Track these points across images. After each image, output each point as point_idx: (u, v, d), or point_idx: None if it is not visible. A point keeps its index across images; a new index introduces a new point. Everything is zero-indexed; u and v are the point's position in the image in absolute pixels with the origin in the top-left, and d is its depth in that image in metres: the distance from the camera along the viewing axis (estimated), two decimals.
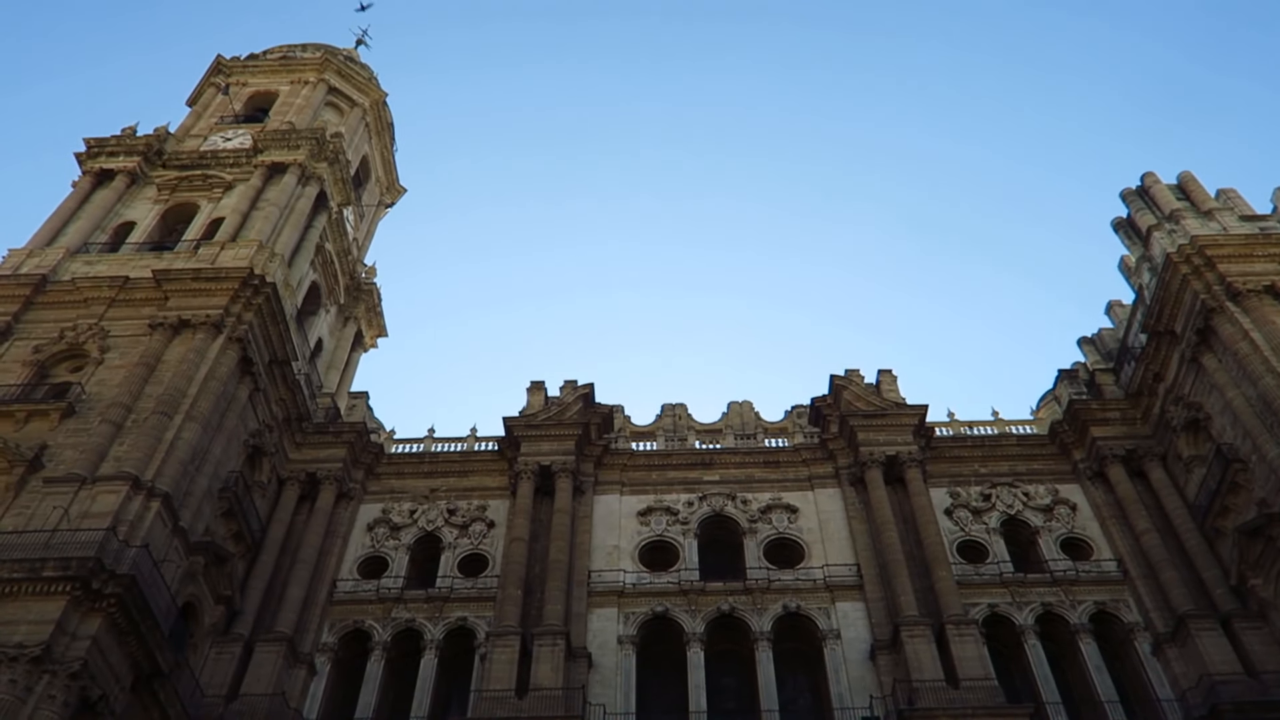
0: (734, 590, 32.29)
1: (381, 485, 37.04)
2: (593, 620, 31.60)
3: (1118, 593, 31.79)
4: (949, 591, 30.69)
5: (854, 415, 36.58)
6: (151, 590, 24.87)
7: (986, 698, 27.29)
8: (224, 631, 30.07)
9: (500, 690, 28.07)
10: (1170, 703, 28.28)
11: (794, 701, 30.94)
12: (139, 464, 27.12)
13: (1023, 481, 35.92)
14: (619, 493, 36.43)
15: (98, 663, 23.03)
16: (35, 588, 23.19)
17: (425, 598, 32.52)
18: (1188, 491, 33.32)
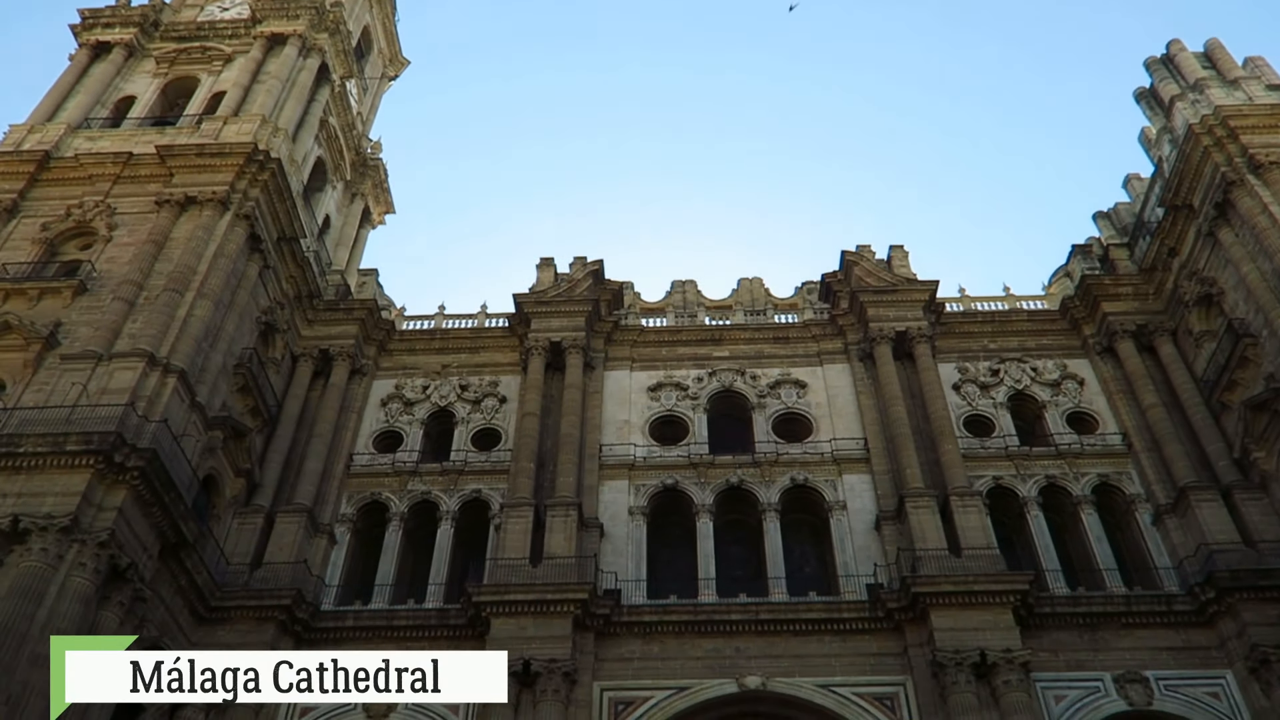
0: (743, 463, 32.88)
1: (394, 362, 37.40)
2: (604, 492, 32.33)
3: (1121, 465, 32.26)
4: (954, 464, 31.19)
5: (864, 291, 36.48)
6: (172, 463, 25.47)
7: (988, 565, 28.04)
8: (245, 503, 30.91)
9: (515, 559, 28.95)
10: (1167, 570, 29.04)
11: (800, 569, 31.86)
12: (153, 341, 27.38)
13: (1032, 357, 36.03)
14: (629, 368, 36.73)
15: (125, 533, 23.77)
16: (59, 461, 23.76)
17: (440, 471, 33.24)
18: (1196, 367, 33.41)
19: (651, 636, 28.25)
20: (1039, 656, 26.75)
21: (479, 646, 27.35)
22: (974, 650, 26.16)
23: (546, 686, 26.13)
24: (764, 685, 27.07)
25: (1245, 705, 25.92)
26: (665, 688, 27.25)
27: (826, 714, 26.91)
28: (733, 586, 30.25)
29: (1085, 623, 27.72)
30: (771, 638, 27.98)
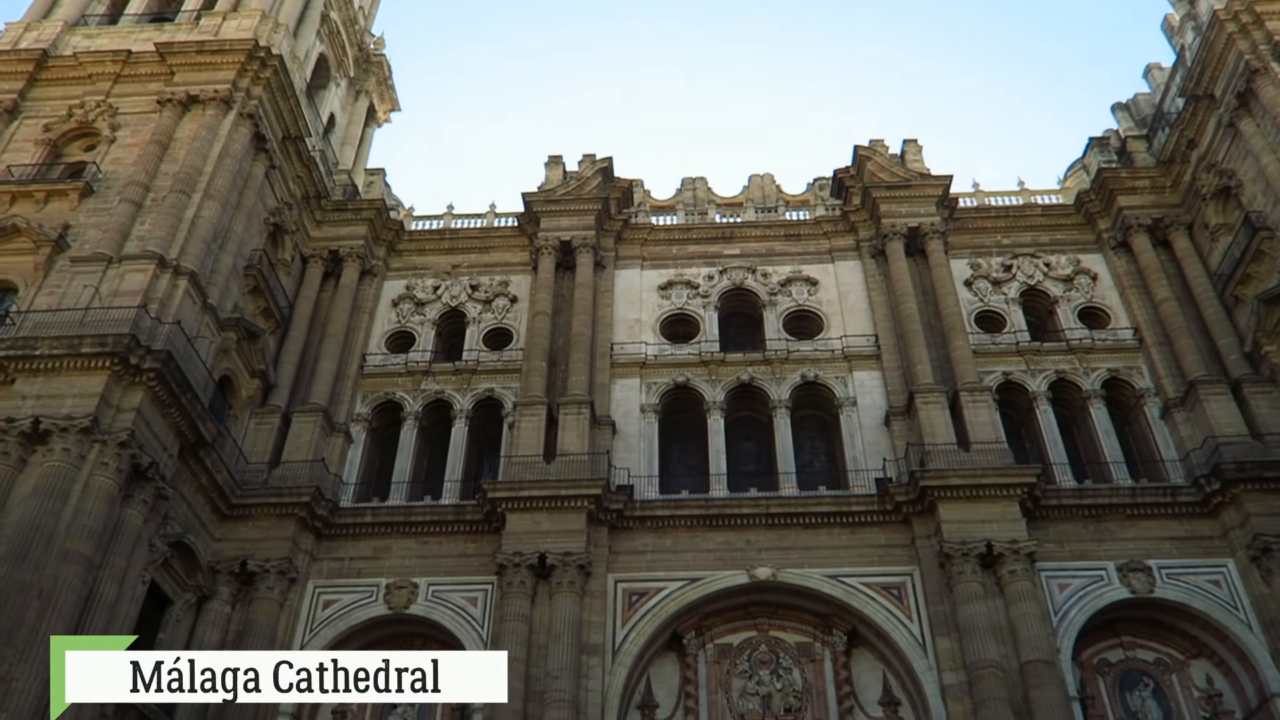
0: (753, 361, 33.02)
1: (404, 262, 37.31)
2: (616, 390, 32.58)
3: (1131, 360, 32.30)
4: (965, 360, 31.26)
5: (877, 186, 36.00)
6: (188, 365, 25.70)
7: (996, 459, 28.36)
8: (261, 404, 31.28)
9: (529, 456, 29.38)
10: (1174, 463, 29.35)
11: (810, 464, 32.29)
12: (162, 243, 27.34)
13: (1045, 252, 35.71)
14: (639, 267, 36.59)
15: (144, 433, 24.15)
16: (75, 363, 24.01)
17: (453, 370, 33.49)
18: (1211, 261, 33.12)
19: (664, 530, 28.85)
20: (1044, 547, 27.29)
21: (495, 541, 28.04)
22: (980, 541, 26.68)
23: (562, 578, 26.84)
24: (774, 576, 27.74)
25: (1245, 592, 26.53)
26: (678, 579, 27.96)
27: (835, 603, 27.64)
28: (743, 481, 30.73)
29: (1091, 514, 28.16)
30: (781, 530, 28.55)
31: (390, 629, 28.36)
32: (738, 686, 27.63)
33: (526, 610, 26.62)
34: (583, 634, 26.44)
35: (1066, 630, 26.37)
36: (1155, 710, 26.63)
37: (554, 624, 26.31)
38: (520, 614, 26.46)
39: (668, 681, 27.94)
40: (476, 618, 27.47)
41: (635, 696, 27.43)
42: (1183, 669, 27.24)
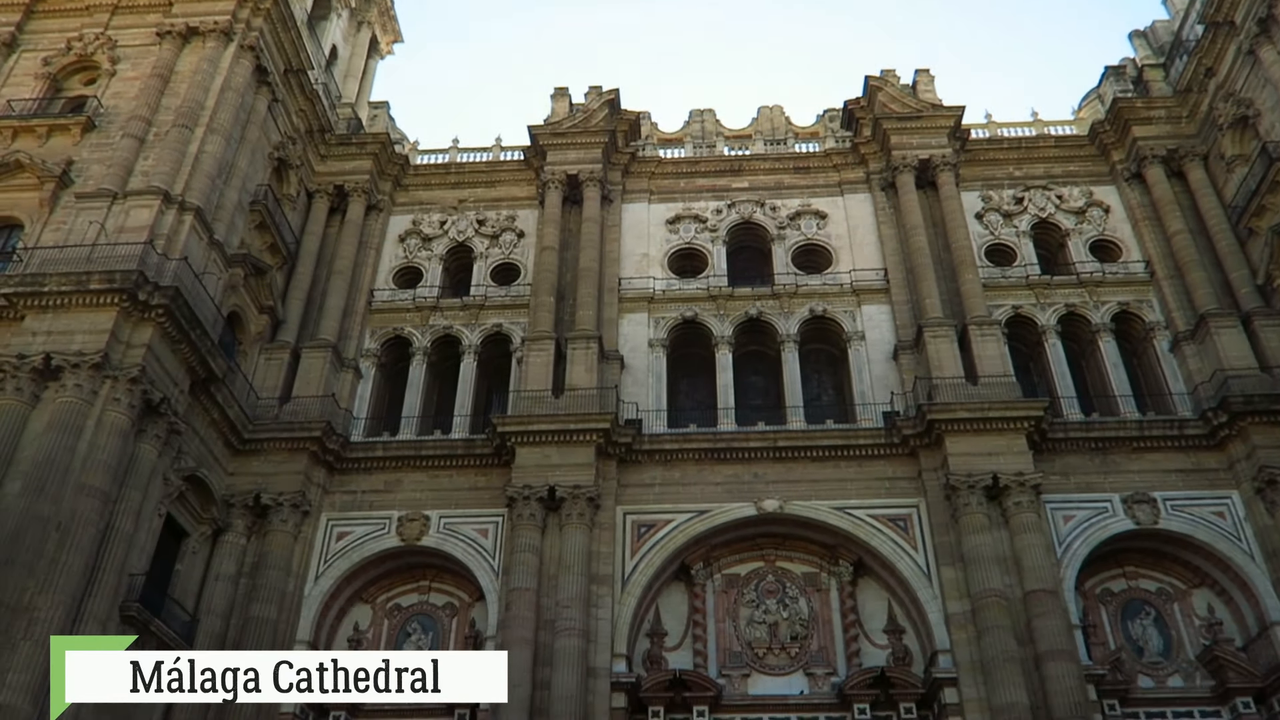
0: (762, 295, 32.93)
1: (409, 197, 37.06)
2: (624, 325, 32.59)
3: (1142, 293, 32.13)
4: (974, 294, 31.14)
5: (888, 118, 35.47)
6: (196, 300, 25.74)
7: (1004, 392, 28.41)
8: (270, 340, 31.38)
9: (538, 390, 29.53)
10: (1181, 396, 29.39)
11: (818, 398, 32.41)
12: (167, 178, 27.19)
13: (1057, 184, 35.30)
14: (647, 201, 36.30)
15: (155, 368, 24.30)
16: (84, 299, 24.10)
17: (461, 305, 33.49)
18: (1226, 193, 32.72)
19: (672, 463, 29.08)
20: (1050, 479, 27.49)
21: (505, 474, 28.33)
22: (987, 474, 26.87)
23: (571, 510, 27.17)
24: (781, 508, 28.03)
25: (1249, 523, 26.76)
26: (686, 511, 28.28)
27: (841, 534, 27.97)
28: (751, 415, 30.87)
29: (1097, 447, 28.30)
30: (789, 464, 28.77)
31: (403, 560, 28.85)
32: (745, 615, 28.14)
33: (537, 542, 27.00)
34: (592, 565, 26.85)
35: (1070, 561, 26.70)
36: (1156, 638, 27.07)
37: (564, 555, 26.71)
38: (531, 545, 26.85)
39: (676, 610, 28.46)
40: (487, 549, 27.89)
41: (644, 625, 27.95)
42: (1184, 598, 27.62)
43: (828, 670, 27.14)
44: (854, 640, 27.43)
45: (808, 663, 27.32)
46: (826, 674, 27.08)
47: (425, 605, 29.08)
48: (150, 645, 24.03)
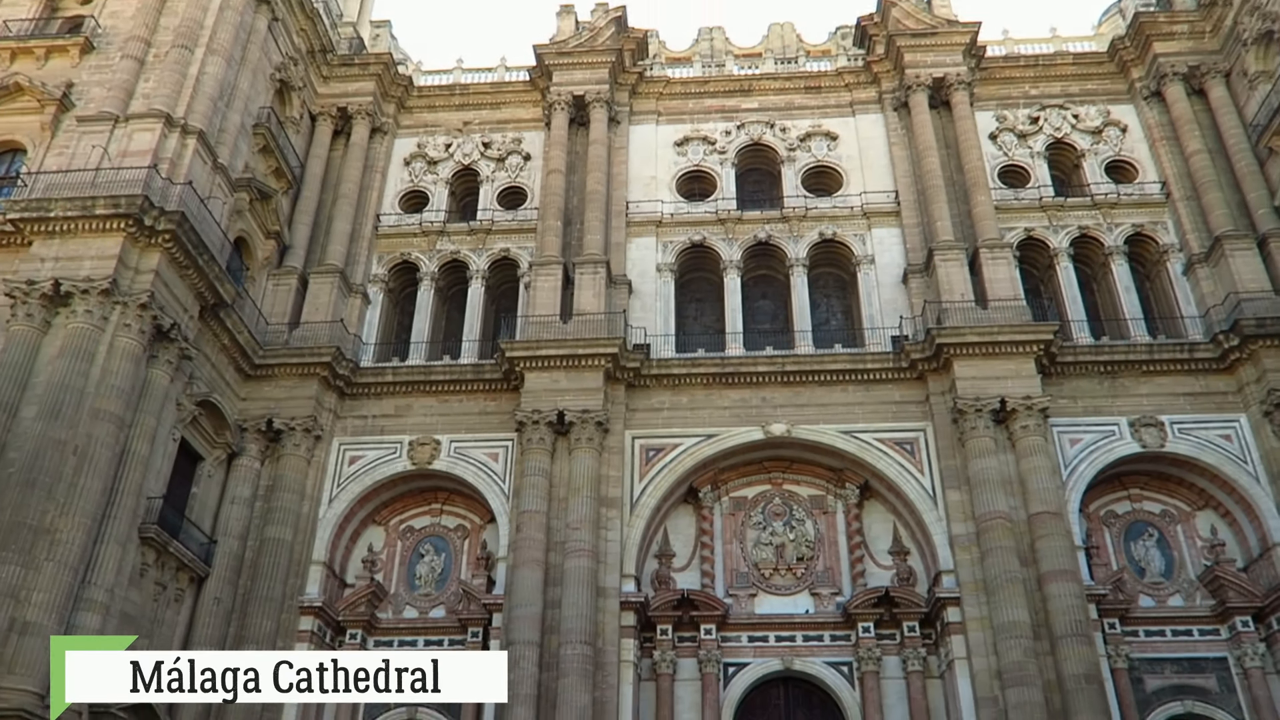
0: (771, 218, 32.62)
1: (414, 119, 36.54)
2: (631, 249, 32.39)
3: (1157, 215, 31.71)
4: (986, 216, 30.79)
5: (902, 34, 34.60)
6: (202, 225, 25.66)
7: (1013, 316, 28.29)
8: (277, 265, 31.33)
9: (546, 315, 29.52)
10: (1193, 319, 29.22)
11: (826, 322, 32.34)
12: (168, 100, 26.86)
13: (1074, 103, 34.56)
14: (655, 122, 35.73)
15: (164, 294, 24.36)
16: (90, 225, 24.06)
17: (468, 230, 33.28)
18: (1246, 111, 32.00)
19: (680, 388, 29.20)
20: (1058, 403, 27.55)
21: (514, 399, 28.51)
22: (994, 398, 26.94)
23: (580, 435, 27.39)
24: (789, 432, 28.21)
25: (1256, 446, 26.86)
26: (694, 435, 28.50)
27: (848, 458, 28.19)
28: (759, 340, 30.88)
29: (1106, 370, 28.27)
30: (797, 388, 28.85)
31: (414, 484, 29.25)
32: (752, 537, 28.57)
33: (546, 465, 27.30)
34: (601, 488, 27.18)
35: (1075, 483, 26.92)
36: (1158, 559, 27.42)
37: (573, 478, 27.03)
38: (540, 469, 27.16)
39: (684, 532, 28.90)
40: (498, 473, 28.23)
41: (653, 546, 28.41)
42: (1188, 520, 27.90)
43: (833, 590, 27.63)
44: (859, 561, 27.87)
45: (813, 583, 27.81)
46: (832, 594, 27.57)
47: (437, 527, 29.59)
48: (170, 566, 24.69)
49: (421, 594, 28.48)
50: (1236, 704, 25.21)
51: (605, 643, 25.29)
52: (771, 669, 26.86)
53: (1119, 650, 25.46)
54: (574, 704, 23.90)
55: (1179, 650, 26.02)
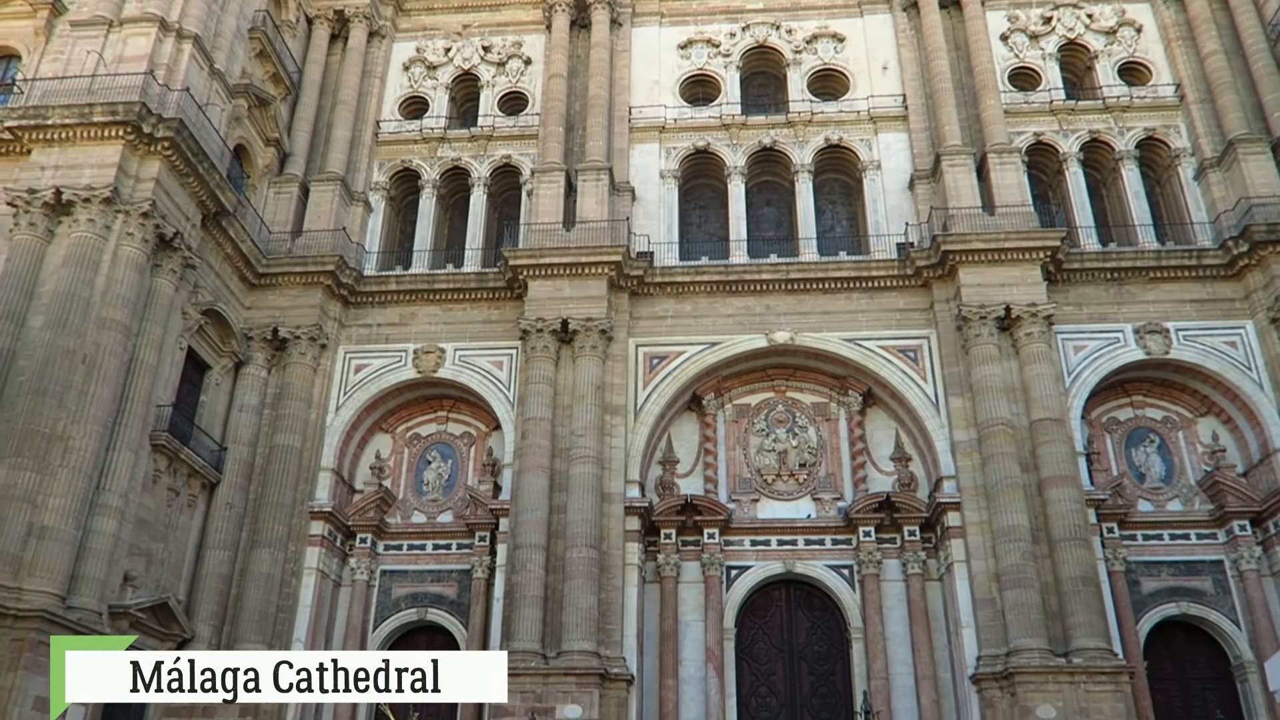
0: (776, 123, 32.09)
1: (412, 22, 35.65)
2: (634, 155, 31.98)
3: (1170, 118, 31.09)
4: (995, 120, 30.24)
5: None
6: (201, 133, 25.35)
7: (1020, 223, 28.03)
8: (278, 173, 31.04)
9: (548, 223, 29.33)
10: (1203, 225, 28.92)
11: (831, 230, 32.09)
12: (162, 4, 26.21)
13: (1088, 1, 33.58)
14: (658, 24, 34.81)
15: (165, 203, 24.21)
16: (89, 132, 23.82)
17: (469, 137, 32.81)
18: (1266, 11, 31.04)
19: (684, 296, 29.17)
20: (1063, 310, 27.49)
21: (518, 307, 28.54)
22: (999, 305, 26.89)
23: (584, 343, 27.49)
24: (792, 339, 28.27)
25: (1261, 353, 26.87)
26: (697, 343, 28.58)
27: (851, 365, 28.29)
28: (764, 248, 30.71)
29: (1113, 277, 28.12)
30: (801, 295, 28.80)
31: (420, 391, 29.51)
32: (755, 443, 28.87)
33: (550, 373, 27.46)
34: (605, 395, 27.38)
35: (1078, 390, 27.04)
36: (1158, 464, 27.70)
37: (577, 386, 27.22)
38: (545, 377, 27.33)
39: (688, 439, 29.21)
40: (502, 380, 28.43)
41: (656, 453, 28.75)
42: (1189, 426, 28.08)
43: (835, 495, 28.04)
44: (861, 467, 28.21)
45: (815, 488, 28.21)
46: (834, 499, 27.98)
47: (443, 434, 29.94)
48: (181, 473, 25.11)
49: (429, 500, 28.98)
50: (1230, 605, 25.78)
51: (610, 546, 25.80)
52: (773, 572, 27.44)
53: (1116, 554, 25.94)
54: (580, 605, 24.49)
55: (1176, 554, 26.49)
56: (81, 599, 20.77)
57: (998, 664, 23.56)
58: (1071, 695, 22.59)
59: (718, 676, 25.96)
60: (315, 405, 28.13)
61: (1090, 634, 23.26)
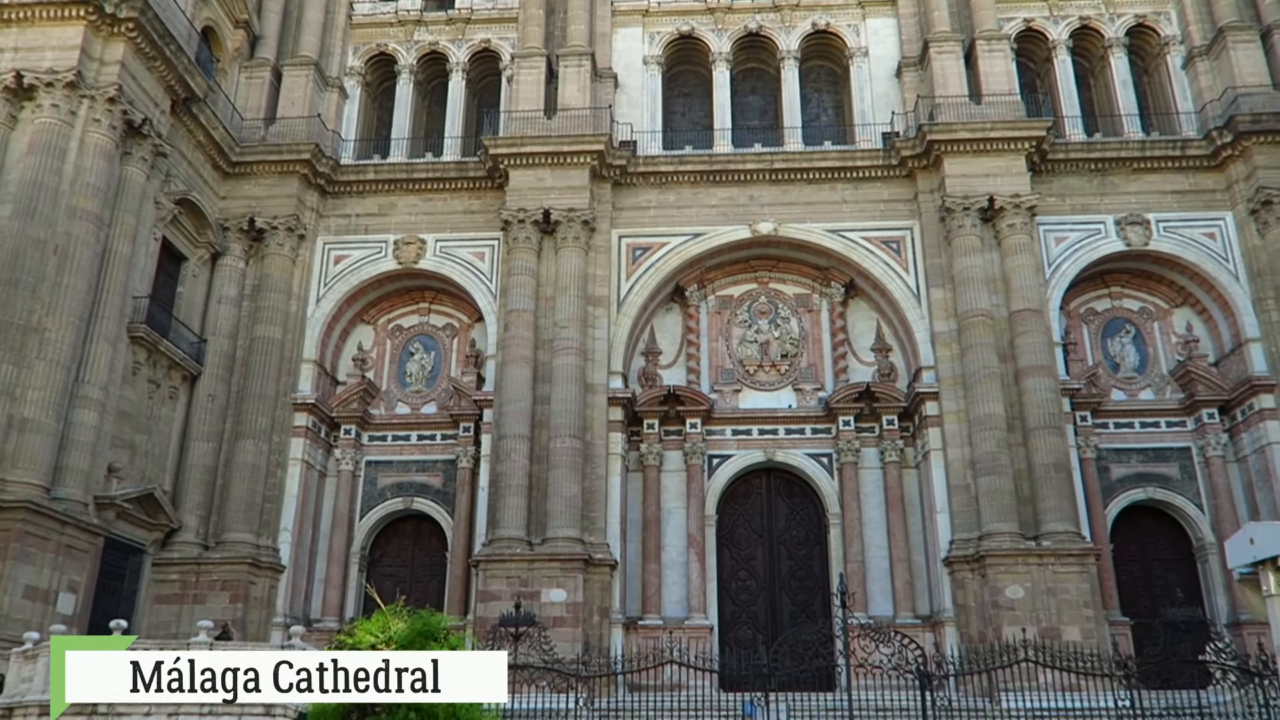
0: (762, 7, 31.20)
1: None
2: (617, 40, 31.12)
3: (1160, 4, 30.48)
4: (984, 5, 29.55)
5: None
6: (166, 12, 24.41)
7: (1007, 112, 27.72)
8: (249, 57, 30.03)
9: (529, 111, 28.67)
10: (1189, 115, 28.73)
11: (817, 119, 31.62)
12: None
13: None
14: None
15: (132, 87, 23.45)
16: (49, 12, 22.97)
17: (446, 20, 31.70)
18: None
19: (667, 186, 28.83)
20: (1046, 201, 27.45)
21: (499, 197, 28.14)
22: (983, 196, 26.80)
23: (566, 234, 27.24)
24: (776, 230, 28.11)
25: (1239, 244, 27.07)
26: (681, 234, 28.38)
27: (834, 256, 28.26)
28: (748, 137, 30.25)
29: (1097, 168, 28.00)
30: (785, 186, 28.53)
31: (401, 283, 29.29)
32: (737, 335, 29.02)
33: (533, 264, 27.27)
34: (588, 286, 27.29)
35: (1058, 281, 27.22)
36: (1133, 354, 28.15)
37: (560, 277, 27.08)
38: (527, 268, 27.15)
39: (670, 331, 29.30)
40: (484, 272, 28.22)
41: (639, 344, 28.86)
42: (1165, 317, 28.44)
43: (816, 386, 28.36)
44: (842, 358, 28.48)
45: (797, 379, 28.50)
46: (814, 389, 28.31)
47: (426, 326, 29.85)
48: (161, 365, 24.98)
49: (413, 391, 29.07)
50: (1195, 491, 26.59)
51: (594, 437, 26.10)
52: (754, 460, 27.93)
53: (1088, 441, 26.55)
54: (564, 494, 24.91)
55: (1146, 441, 27.16)
56: (66, 490, 20.89)
57: (970, 547, 24.29)
58: (1039, 576, 23.42)
59: (699, 561, 26.65)
60: (295, 297, 27.88)
61: (1060, 518, 23.96)
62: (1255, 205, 26.60)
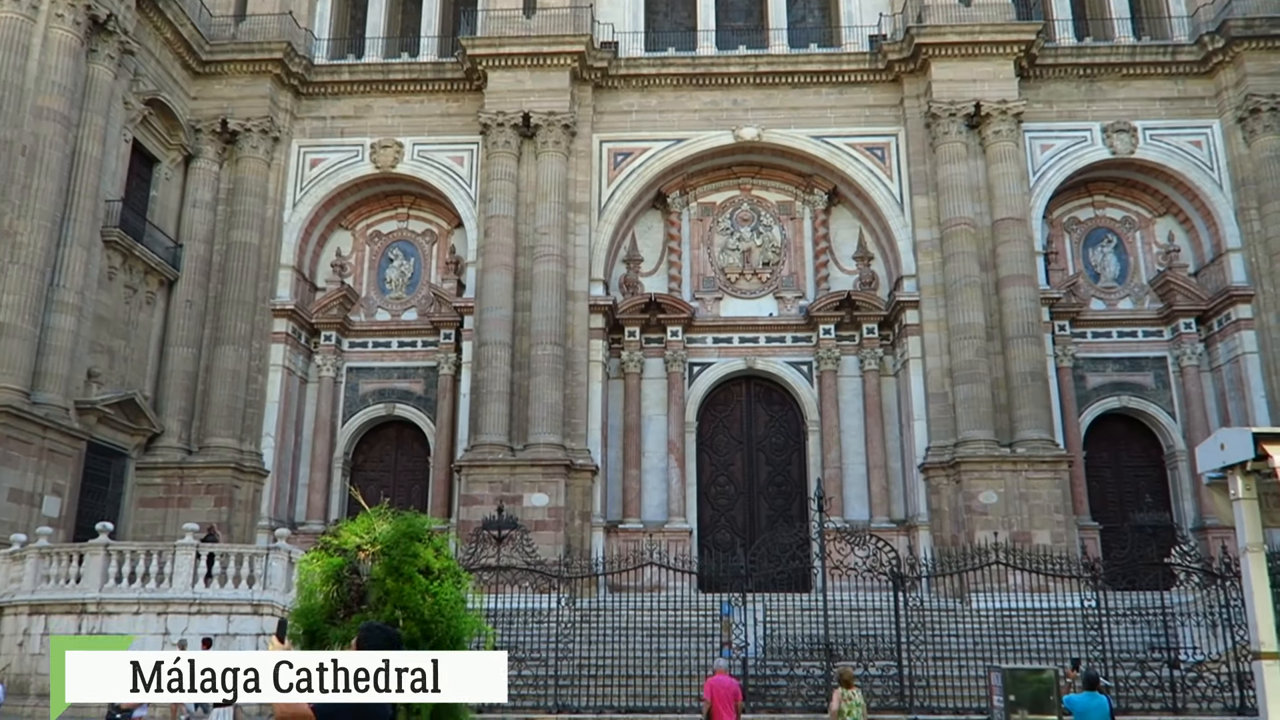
0: None
1: None
2: None
3: None
4: None
5: None
6: None
7: (997, 15, 27.15)
8: None
9: (509, 9, 27.86)
10: (1180, 20, 28.25)
11: (802, 20, 30.89)
12: None
13: None
14: None
15: None
16: None
17: None
18: None
19: (649, 89, 28.27)
20: (1033, 108, 27.11)
21: (478, 100, 27.54)
22: (969, 101, 26.43)
23: (547, 138, 26.77)
24: (759, 136, 27.71)
25: (1224, 153, 26.93)
26: (663, 139, 27.95)
27: (818, 163, 27.95)
28: (733, 39, 29.55)
29: (1085, 73, 27.61)
30: (769, 90, 28.03)
31: (379, 187, 28.85)
32: (719, 242, 28.86)
33: (513, 169, 26.87)
34: (569, 192, 26.96)
35: (1042, 190, 27.08)
36: (1114, 264, 28.22)
37: (540, 183, 26.72)
38: (507, 173, 26.75)
39: (652, 238, 29.10)
40: (463, 176, 27.80)
41: (620, 251, 28.68)
42: (1148, 226, 28.42)
43: (797, 294, 28.37)
44: (824, 266, 28.42)
45: (778, 287, 28.48)
46: (795, 297, 28.33)
47: (405, 232, 29.52)
48: (137, 269, 24.68)
49: (393, 297, 28.91)
50: (1169, 399, 27.01)
51: (575, 344, 26.13)
52: (735, 368, 28.08)
53: (1066, 350, 26.80)
54: (545, 400, 25.04)
55: (1122, 350, 27.44)
56: (47, 394, 20.84)
57: (945, 454, 24.69)
58: (1013, 481, 23.89)
59: (679, 466, 27.01)
60: (271, 201, 27.43)
61: (1035, 426, 24.34)
62: (1243, 113, 26.38)
